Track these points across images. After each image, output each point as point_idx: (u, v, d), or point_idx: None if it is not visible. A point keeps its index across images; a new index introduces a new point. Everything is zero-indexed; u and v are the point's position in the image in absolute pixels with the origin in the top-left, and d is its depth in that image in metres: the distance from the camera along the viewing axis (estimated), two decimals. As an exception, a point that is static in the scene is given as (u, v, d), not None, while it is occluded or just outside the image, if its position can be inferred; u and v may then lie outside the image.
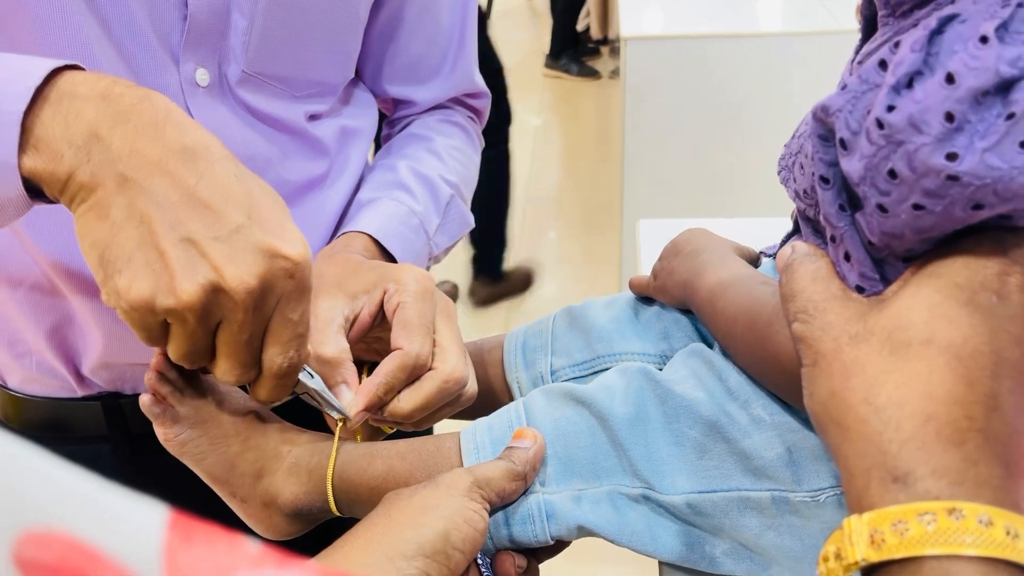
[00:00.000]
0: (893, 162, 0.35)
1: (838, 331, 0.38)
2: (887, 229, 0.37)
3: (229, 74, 0.64)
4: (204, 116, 0.63)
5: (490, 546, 0.51)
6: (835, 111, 0.38)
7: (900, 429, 0.34)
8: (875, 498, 0.33)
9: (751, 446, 0.48)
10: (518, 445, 0.51)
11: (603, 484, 0.51)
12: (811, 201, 0.46)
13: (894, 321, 0.37)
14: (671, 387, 0.51)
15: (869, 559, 0.32)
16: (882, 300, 0.38)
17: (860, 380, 0.36)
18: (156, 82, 0.61)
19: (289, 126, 0.69)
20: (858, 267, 0.40)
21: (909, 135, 0.34)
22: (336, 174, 0.74)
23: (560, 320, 0.66)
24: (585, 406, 0.52)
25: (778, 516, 0.49)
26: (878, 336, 0.37)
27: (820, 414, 0.38)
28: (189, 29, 0.60)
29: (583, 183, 3.47)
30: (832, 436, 0.37)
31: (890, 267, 0.39)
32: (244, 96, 0.65)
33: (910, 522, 0.32)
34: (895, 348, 0.36)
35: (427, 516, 0.44)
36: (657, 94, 1.89)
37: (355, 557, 0.43)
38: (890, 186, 0.36)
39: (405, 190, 0.73)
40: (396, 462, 0.53)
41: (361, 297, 0.58)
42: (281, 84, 0.68)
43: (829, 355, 0.38)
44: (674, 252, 0.62)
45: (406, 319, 0.56)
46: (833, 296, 0.39)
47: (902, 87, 0.35)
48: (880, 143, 0.35)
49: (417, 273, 0.58)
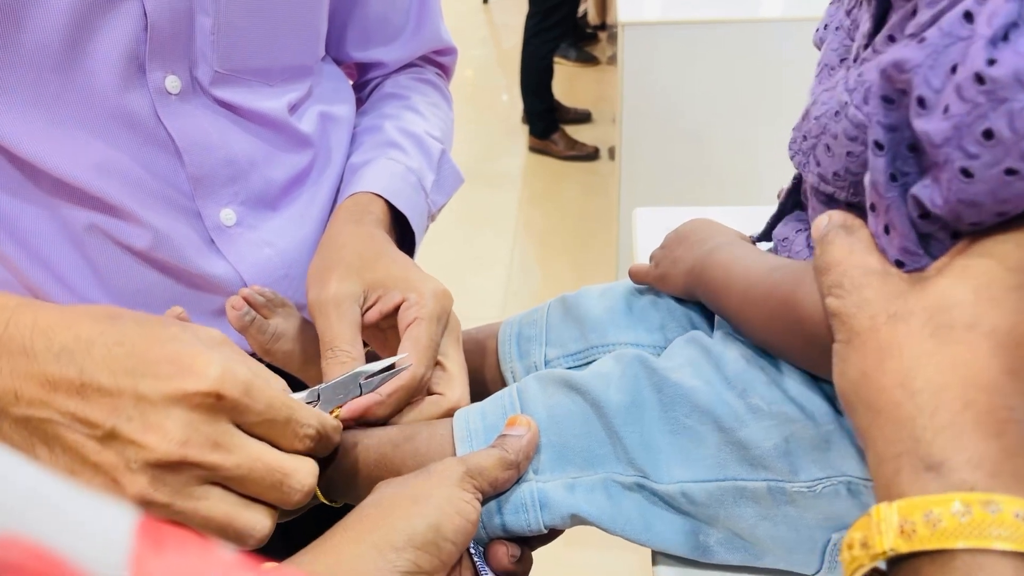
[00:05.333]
0: (991, 121, 0.32)
1: (876, 308, 0.36)
2: (966, 196, 0.34)
3: (201, 77, 0.63)
4: (179, 125, 0.62)
5: (483, 535, 0.50)
6: (913, 66, 0.35)
7: (936, 416, 0.33)
8: (905, 486, 0.32)
9: (748, 436, 0.48)
10: (511, 433, 0.50)
11: (597, 472, 0.50)
12: (842, 183, 0.44)
13: (937, 301, 0.35)
14: (667, 375, 0.50)
15: (898, 549, 0.31)
16: (925, 278, 0.36)
17: (896, 362, 0.34)
18: (124, 97, 0.59)
19: (271, 119, 0.68)
20: (900, 240, 0.38)
21: (1015, 92, 0.32)
22: (321, 166, 0.73)
23: (554, 310, 0.66)
24: (580, 393, 0.52)
25: (774, 506, 0.48)
26: (918, 316, 0.35)
27: (850, 394, 0.36)
28: (151, 38, 0.59)
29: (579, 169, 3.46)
30: (861, 418, 0.36)
31: (936, 243, 0.37)
32: (221, 96, 0.64)
33: (943, 513, 0.30)
34: (936, 330, 0.34)
35: (418, 507, 0.44)
36: (655, 80, 1.88)
37: (345, 548, 0.42)
38: (982, 148, 0.33)
39: (397, 148, 0.72)
40: (388, 449, 0.53)
41: (376, 291, 0.58)
42: (256, 76, 0.67)
43: (864, 333, 0.36)
44: (678, 241, 0.62)
45: (418, 338, 0.55)
46: (871, 271, 0.38)
47: (999, 39, 0.32)
48: (977, 100, 0.33)
49: (439, 290, 0.58)
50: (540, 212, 3.21)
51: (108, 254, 0.63)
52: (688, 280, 0.58)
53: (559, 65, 4.06)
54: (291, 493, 0.43)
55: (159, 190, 0.63)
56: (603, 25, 4.77)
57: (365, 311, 0.58)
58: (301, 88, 0.71)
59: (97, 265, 0.63)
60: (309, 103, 0.73)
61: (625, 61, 1.86)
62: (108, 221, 0.62)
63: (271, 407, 0.42)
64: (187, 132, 0.63)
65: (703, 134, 1.92)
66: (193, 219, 0.66)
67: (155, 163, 0.63)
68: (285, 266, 0.70)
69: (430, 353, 0.55)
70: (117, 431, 0.39)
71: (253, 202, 0.68)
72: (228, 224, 0.67)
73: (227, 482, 0.41)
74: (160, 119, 0.62)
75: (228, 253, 0.67)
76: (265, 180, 0.69)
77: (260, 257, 0.69)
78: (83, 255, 0.63)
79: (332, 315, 0.56)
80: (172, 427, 0.39)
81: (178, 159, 0.63)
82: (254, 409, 0.41)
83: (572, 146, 3.54)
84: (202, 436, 0.40)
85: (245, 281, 0.68)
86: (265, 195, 0.69)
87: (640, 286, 0.65)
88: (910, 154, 0.37)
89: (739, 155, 1.91)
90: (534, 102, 3.57)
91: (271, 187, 0.69)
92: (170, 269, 0.65)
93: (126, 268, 0.64)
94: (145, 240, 0.63)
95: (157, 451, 0.39)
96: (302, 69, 0.71)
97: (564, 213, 3.15)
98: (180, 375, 0.40)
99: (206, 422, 0.40)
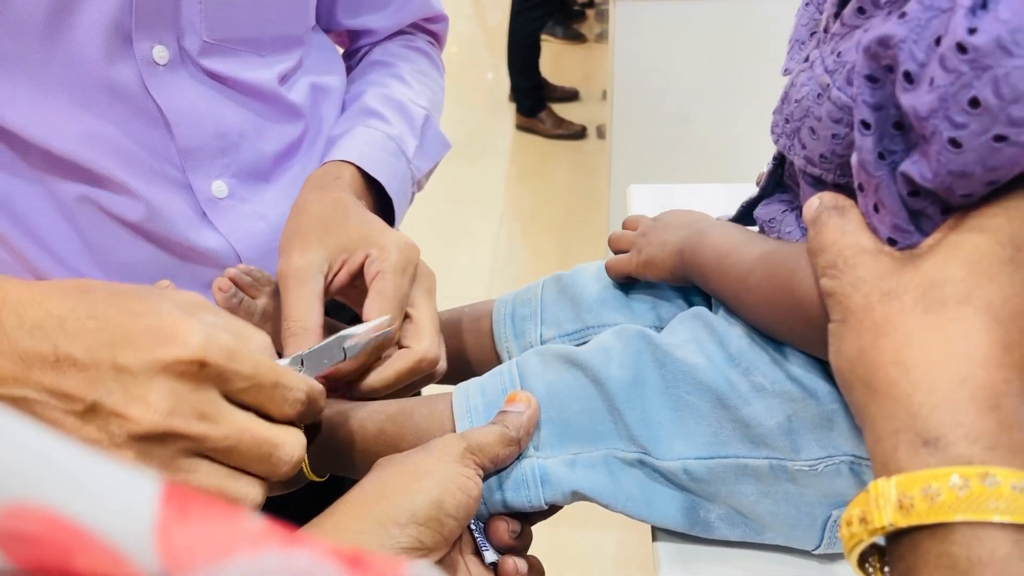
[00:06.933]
0: (976, 90, 0.32)
1: (869, 287, 0.36)
2: (956, 167, 0.34)
3: (189, 47, 0.62)
4: (167, 96, 0.61)
5: (483, 511, 0.50)
6: (898, 42, 0.35)
7: (932, 391, 0.33)
8: (903, 462, 0.32)
9: (751, 414, 0.48)
10: (511, 409, 0.50)
11: (598, 448, 0.50)
12: (828, 165, 0.44)
13: (929, 278, 0.35)
14: (670, 351, 0.50)
15: (897, 524, 0.31)
16: (917, 255, 0.37)
17: (891, 339, 0.35)
18: (110, 68, 0.58)
19: (261, 91, 0.67)
20: (891, 218, 0.38)
21: (998, 58, 0.32)
22: (312, 137, 0.72)
23: (549, 288, 0.65)
24: (580, 369, 0.51)
25: (775, 484, 0.48)
26: (911, 293, 0.35)
27: (847, 373, 0.37)
28: (137, 7, 0.58)
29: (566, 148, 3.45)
30: (859, 396, 0.36)
31: (926, 219, 0.37)
32: (210, 66, 0.63)
33: (941, 487, 0.30)
34: (929, 306, 0.34)
35: (420, 483, 0.43)
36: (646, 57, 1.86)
37: (347, 524, 0.42)
38: (969, 117, 0.33)
39: (376, 116, 0.71)
40: (387, 424, 0.52)
41: (341, 255, 0.57)
42: (245, 47, 0.65)
43: (859, 312, 0.36)
44: (663, 226, 0.61)
45: (382, 290, 0.55)
46: (864, 250, 0.38)
47: (978, 8, 0.32)
48: (961, 70, 0.33)
49: (402, 242, 0.57)
50: (527, 191, 3.20)
51: (100, 227, 0.62)
52: (677, 262, 0.57)
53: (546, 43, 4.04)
54: (280, 465, 0.41)
55: (149, 162, 0.62)
56: (590, 2, 4.74)
57: (334, 276, 0.57)
58: (291, 58, 0.70)
59: (89, 238, 0.62)
60: (299, 74, 0.72)
61: (616, 38, 1.85)
62: (99, 193, 0.61)
63: (257, 372, 0.40)
64: (176, 103, 0.62)
65: (695, 112, 1.91)
66: (184, 192, 0.65)
67: (144, 135, 0.62)
68: (278, 238, 0.69)
69: (395, 304, 0.55)
70: (99, 404, 0.38)
71: (244, 174, 0.68)
72: (220, 197, 0.66)
73: (214, 454, 0.40)
74: (148, 90, 0.60)
75: (220, 226, 0.66)
76: (256, 152, 0.68)
77: (253, 229, 0.68)
78: (74, 228, 0.62)
79: (290, 287, 0.55)
80: (156, 398, 0.38)
81: (167, 131, 0.62)
82: (240, 374, 0.40)
83: (559, 124, 3.53)
84: (188, 406, 0.38)
85: (238, 253, 0.67)
86: (256, 167, 0.68)
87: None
88: (896, 132, 0.38)
89: (731, 133, 1.90)
90: (521, 80, 3.55)
91: (262, 159, 0.68)
92: (163, 242, 0.64)
93: (118, 241, 0.63)
94: (138, 213, 0.62)
95: (143, 423, 0.38)
96: (292, 39, 0.70)
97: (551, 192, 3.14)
98: (161, 344, 0.38)
99: (191, 391, 0.38)
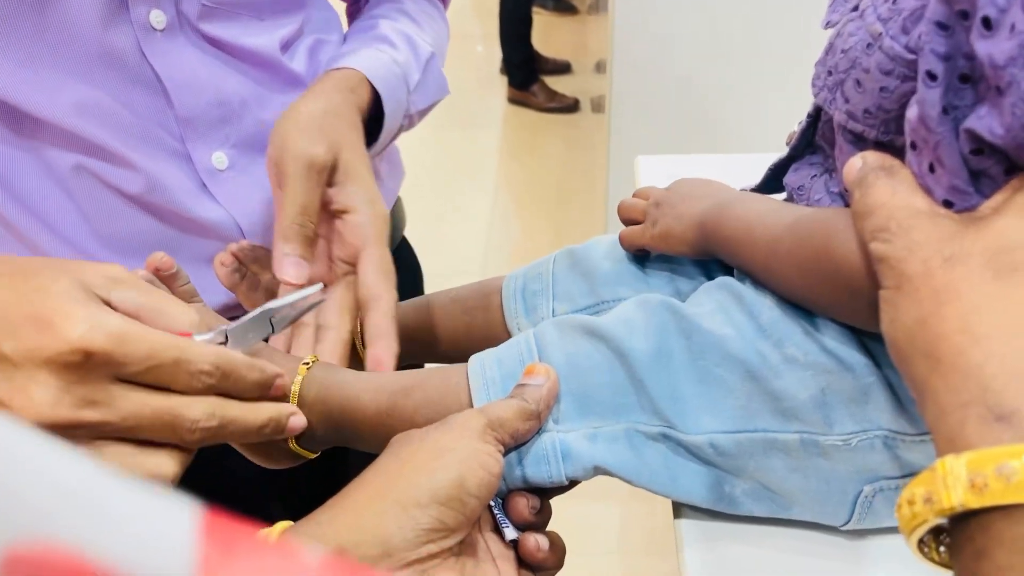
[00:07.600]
0: None
1: (928, 251, 0.34)
2: None
3: (187, 10, 0.60)
4: (165, 63, 0.59)
5: (502, 487, 0.48)
6: None
7: (1006, 362, 0.31)
8: (973, 437, 0.30)
9: (782, 387, 0.46)
10: (530, 382, 0.48)
11: (620, 422, 0.48)
12: (873, 120, 0.42)
13: (998, 241, 0.33)
14: (698, 321, 0.48)
15: (968, 505, 0.29)
16: (980, 217, 0.35)
17: (956, 307, 0.33)
18: (106, 33, 0.56)
19: (263, 58, 0.65)
20: (949, 179, 0.36)
21: None
22: None
23: (560, 263, 0.63)
24: (602, 340, 0.49)
25: (805, 459, 0.47)
26: (977, 258, 0.33)
27: (903, 343, 0.35)
28: None
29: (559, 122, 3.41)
30: (918, 368, 0.34)
31: (987, 180, 0.35)
32: (210, 31, 0.61)
33: (1019, 465, 0.29)
34: (999, 271, 0.32)
35: (440, 461, 0.41)
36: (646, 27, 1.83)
37: (366, 505, 0.40)
38: None
39: (387, 43, 0.69)
40: (400, 398, 0.50)
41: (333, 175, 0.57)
42: (245, 10, 0.63)
43: (917, 278, 0.34)
44: (680, 197, 0.59)
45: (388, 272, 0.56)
46: (919, 212, 0.36)
47: None
48: None
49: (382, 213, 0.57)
50: (520, 165, 3.17)
51: (97, 197, 0.60)
52: (699, 235, 0.55)
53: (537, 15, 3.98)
54: (191, 431, 0.41)
55: (147, 132, 0.60)
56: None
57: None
58: (293, 22, 0.68)
59: (86, 209, 0.60)
60: (301, 41, 0.69)
61: (616, 6, 1.81)
62: (96, 163, 0.59)
63: (153, 353, 0.40)
64: (174, 71, 0.60)
65: (696, 81, 1.88)
66: (184, 162, 0.63)
67: (141, 103, 0.59)
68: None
69: (393, 278, 0.56)
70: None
71: (245, 145, 0.66)
72: (220, 168, 0.64)
73: (121, 434, 0.40)
74: (145, 56, 0.58)
75: (221, 197, 0.64)
76: (258, 122, 0.65)
77: (254, 201, 0.66)
78: (71, 198, 0.59)
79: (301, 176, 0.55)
80: (38, 390, 0.37)
81: (165, 99, 0.60)
82: (133, 358, 0.39)
83: (552, 97, 3.49)
84: (75, 397, 0.38)
85: (240, 226, 0.65)
86: (258, 138, 0.66)
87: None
88: (962, 85, 0.35)
89: (734, 102, 1.86)
90: (513, 52, 3.50)
91: (264, 130, 0.66)
92: (163, 214, 0.62)
93: (116, 212, 0.61)
94: (137, 184, 0.60)
95: (27, 415, 0.37)
96: (294, 1, 0.67)
97: (545, 166, 3.12)
98: (40, 335, 0.37)
99: (77, 381, 0.38)
